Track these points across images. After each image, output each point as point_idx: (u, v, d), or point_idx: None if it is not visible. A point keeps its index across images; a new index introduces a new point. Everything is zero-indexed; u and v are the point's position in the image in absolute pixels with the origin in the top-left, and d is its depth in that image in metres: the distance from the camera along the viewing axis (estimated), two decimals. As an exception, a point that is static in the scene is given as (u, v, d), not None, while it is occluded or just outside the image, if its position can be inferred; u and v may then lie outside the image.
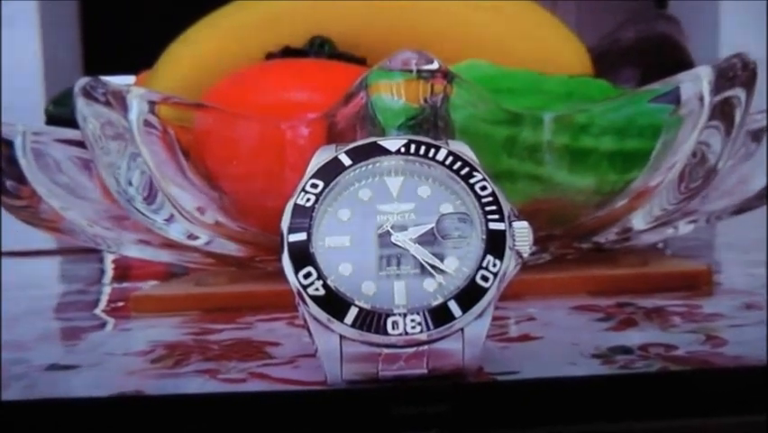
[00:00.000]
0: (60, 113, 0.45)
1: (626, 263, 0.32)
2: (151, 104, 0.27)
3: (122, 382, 0.21)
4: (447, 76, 0.26)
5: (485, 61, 0.32)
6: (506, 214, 0.19)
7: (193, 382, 0.21)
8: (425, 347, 0.19)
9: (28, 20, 0.59)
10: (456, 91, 0.26)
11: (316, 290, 0.19)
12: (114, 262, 0.49)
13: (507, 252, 0.19)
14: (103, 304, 0.35)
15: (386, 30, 0.40)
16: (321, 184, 0.20)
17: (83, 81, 0.27)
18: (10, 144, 0.31)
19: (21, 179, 0.32)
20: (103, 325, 0.30)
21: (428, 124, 0.26)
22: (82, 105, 0.27)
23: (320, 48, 0.39)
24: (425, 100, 0.26)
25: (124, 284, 0.41)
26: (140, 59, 0.44)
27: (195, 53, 0.42)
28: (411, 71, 0.26)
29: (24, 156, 0.31)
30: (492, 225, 0.19)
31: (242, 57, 0.39)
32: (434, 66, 0.26)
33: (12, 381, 0.21)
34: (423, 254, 0.19)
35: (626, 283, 0.30)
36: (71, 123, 0.29)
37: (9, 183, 0.32)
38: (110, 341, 0.27)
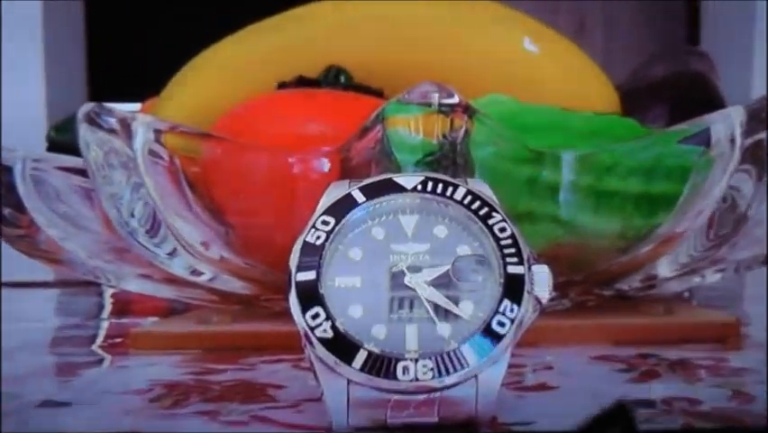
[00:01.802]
0: (62, 139, 0.46)
1: (649, 312, 0.32)
2: (157, 132, 0.28)
3: (118, 421, 0.21)
4: (468, 111, 0.27)
5: (507, 96, 0.33)
6: (525, 257, 0.20)
7: (192, 424, 0.21)
8: (437, 394, 0.19)
9: (32, 43, 0.60)
10: (477, 127, 0.27)
11: (324, 331, 0.19)
12: (113, 296, 0.49)
13: (526, 297, 0.19)
14: (100, 339, 0.35)
15: (404, 61, 0.41)
16: (332, 221, 0.20)
17: (87, 107, 0.28)
18: (9, 170, 0.31)
19: (19, 207, 0.32)
20: (100, 361, 0.30)
21: (447, 161, 0.27)
22: (85, 132, 0.27)
23: (335, 78, 0.40)
24: (444, 136, 0.27)
25: (123, 320, 0.41)
26: (146, 86, 0.45)
27: (203, 81, 0.42)
28: (430, 105, 0.26)
29: (24, 183, 0.31)
30: (511, 269, 0.19)
31: (252, 86, 0.40)
32: (455, 100, 0.26)
33: (6, 416, 0.21)
34: (437, 298, 0.19)
35: (650, 333, 0.30)
36: (73, 150, 0.29)
37: (7, 211, 0.32)
38: (107, 378, 0.27)
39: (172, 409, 0.22)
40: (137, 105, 0.46)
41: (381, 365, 0.19)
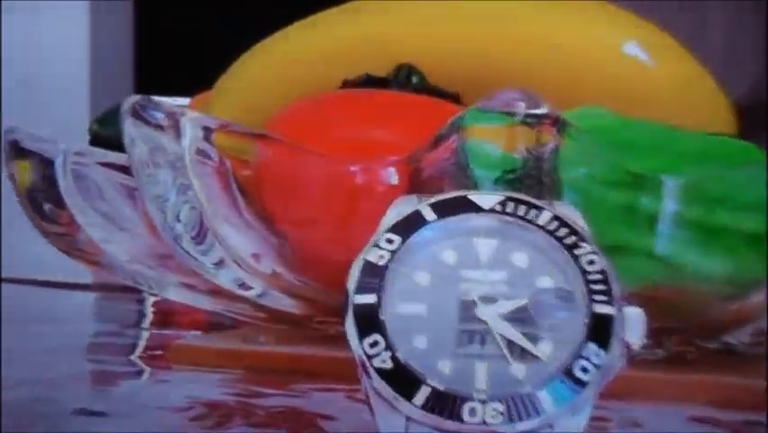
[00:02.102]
0: (106, 133, 0.47)
1: (760, 372, 0.31)
2: (207, 130, 0.28)
3: None
4: (558, 124, 0.26)
5: (604, 109, 0.32)
6: (616, 296, 0.19)
7: None
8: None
9: (77, 29, 0.62)
10: (567, 143, 0.26)
11: (383, 361, 0.19)
12: (154, 305, 0.50)
13: (614, 342, 0.19)
14: (139, 350, 0.36)
15: (486, 63, 0.40)
16: (397, 240, 0.20)
17: (132, 100, 0.28)
18: (50, 163, 0.32)
19: (59, 202, 0.33)
20: (138, 373, 0.31)
21: (531, 180, 0.26)
22: (130, 127, 0.28)
23: (407, 79, 0.40)
24: (529, 151, 0.26)
25: (165, 331, 0.42)
26: (197, 79, 0.45)
27: (259, 77, 0.43)
28: (514, 115, 0.26)
29: (64, 177, 0.32)
30: (598, 308, 0.19)
31: (313, 84, 0.40)
32: (543, 110, 0.26)
33: (38, 420, 0.22)
34: (512, 334, 0.19)
35: (760, 397, 0.29)
36: (117, 145, 0.30)
37: (47, 206, 0.33)
38: (145, 391, 0.28)
39: (213, 431, 0.22)
40: (186, 100, 0.47)
41: (445, 404, 0.18)
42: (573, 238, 0.20)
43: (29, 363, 0.33)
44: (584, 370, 0.18)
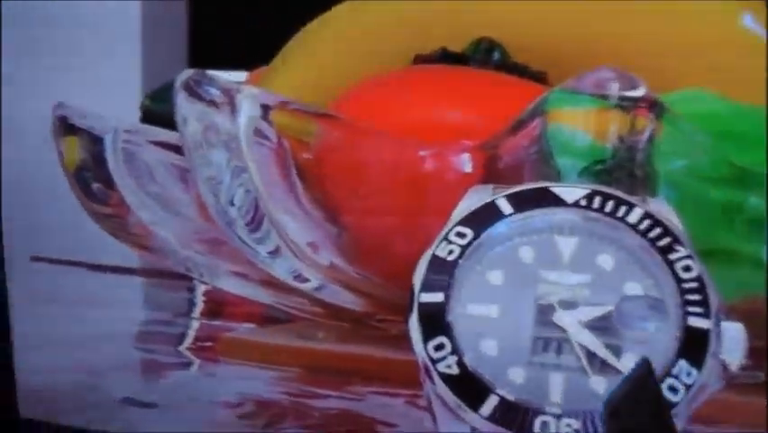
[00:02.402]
0: (158, 110, 0.48)
1: None
2: (265, 108, 0.28)
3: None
4: (655, 108, 0.25)
5: (710, 93, 0.31)
6: (713, 308, 0.19)
7: None
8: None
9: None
10: (666, 131, 0.25)
11: (449, 367, 0.19)
12: (205, 294, 0.51)
13: (709, 360, 0.18)
14: (189, 341, 0.37)
15: (575, 38, 0.39)
16: (470, 234, 0.20)
17: (186, 74, 0.28)
18: (100, 141, 0.33)
19: (108, 182, 0.34)
20: (187, 364, 0.32)
21: (621, 173, 0.26)
22: (183, 103, 0.28)
23: (487, 54, 0.39)
24: (622, 139, 0.26)
25: (216, 322, 0.43)
26: (254, 52, 0.46)
27: (322, 50, 0.43)
28: (607, 98, 0.25)
29: (114, 156, 0.33)
30: (693, 321, 0.19)
31: (382, 59, 0.40)
32: (639, 93, 0.25)
33: (87, 409, 0.23)
34: (593, 344, 0.19)
35: None
36: (169, 122, 0.30)
37: (96, 186, 0.34)
38: (194, 384, 0.29)
39: (265, 430, 0.23)
40: (244, 75, 0.47)
41: (515, 416, 0.18)
42: (667, 240, 0.19)
43: (75, 348, 0.34)
44: (673, 390, 0.18)
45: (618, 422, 0.16)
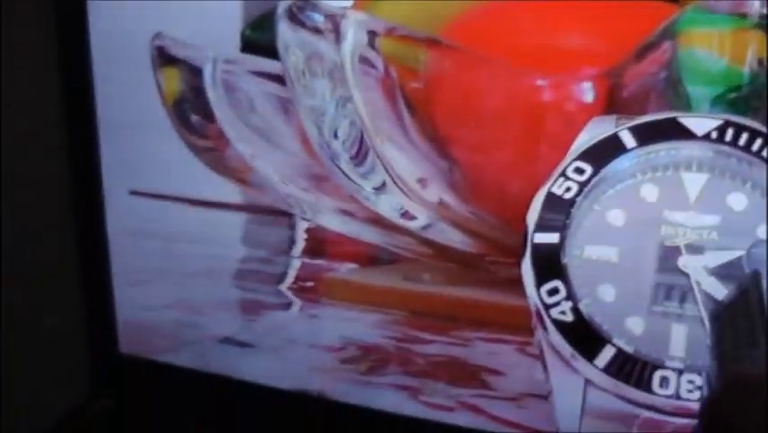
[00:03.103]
0: (259, 39, 0.49)
1: None
2: (372, 35, 0.28)
3: (304, 376, 0.23)
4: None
5: None
6: None
7: (388, 398, 0.22)
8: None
9: None
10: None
11: (563, 313, 0.19)
12: (307, 231, 0.52)
13: None
14: (289, 280, 0.38)
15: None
16: (589, 170, 0.20)
17: (288, 1, 0.29)
18: (198, 72, 0.34)
19: (208, 114, 0.34)
20: (287, 305, 0.33)
21: (759, 102, 0.25)
22: (285, 31, 0.29)
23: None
24: (762, 63, 0.25)
25: (317, 261, 0.43)
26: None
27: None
28: (746, 16, 0.25)
29: (214, 88, 0.33)
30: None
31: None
32: (784, 11, 0.25)
33: (185, 346, 0.24)
34: (720, 293, 0.18)
35: None
36: (271, 52, 0.31)
37: (195, 118, 0.35)
38: (294, 326, 0.30)
39: (367, 377, 0.23)
40: (349, 1, 0.47)
41: (633, 370, 0.18)
42: (808, 178, 0.19)
43: (174, 285, 0.35)
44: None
45: (719, 327, 0.16)
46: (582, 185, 0.20)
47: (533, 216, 0.20)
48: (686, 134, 0.20)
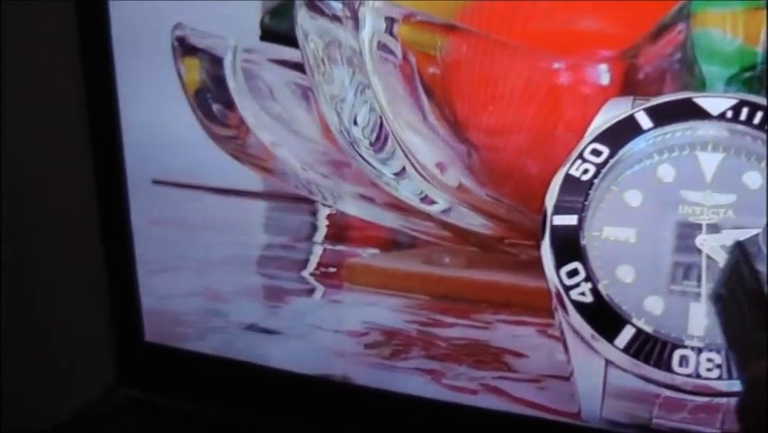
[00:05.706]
0: (278, 27, 0.49)
1: None
2: (390, 21, 0.28)
3: (328, 362, 0.23)
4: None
5: None
6: None
7: (412, 381, 0.22)
8: (724, 400, 0.18)
9: None
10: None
11: (582, 294, 0.19)
12: (328, 217, 0.51)
13: None
14: (312, 266, 0.38)
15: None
16: (606, 152, 0.20)
17: (307, -11, 0.29)
18: (219, 61, 0.34)
19: (229, 103, 0.34)
20: (311, 291, 0.33)
21: (774, 82, 0.25)
22: (304, 19, 0.29)
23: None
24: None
25: (339, 247, 0.43)
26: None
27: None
28: None
29: (234, 77, 0.34)
30: None
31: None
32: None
33: (209, 334, 0.24)
34: None
35: None
36: (290, 40, 0.31)
37: (216, 107, 0.35)
38: (318, 311, 0.30)
39: (390, 361, 0.23)
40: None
41: (652, 349, 0.18)
42: (824, 156, 0.19)
43: (198, 273, 0.35)
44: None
45: (720, 305, 0.16)
46: (600, 166, 0.20)
47: (551, 199, 0.20)
48: (701, 114, 0.20)
